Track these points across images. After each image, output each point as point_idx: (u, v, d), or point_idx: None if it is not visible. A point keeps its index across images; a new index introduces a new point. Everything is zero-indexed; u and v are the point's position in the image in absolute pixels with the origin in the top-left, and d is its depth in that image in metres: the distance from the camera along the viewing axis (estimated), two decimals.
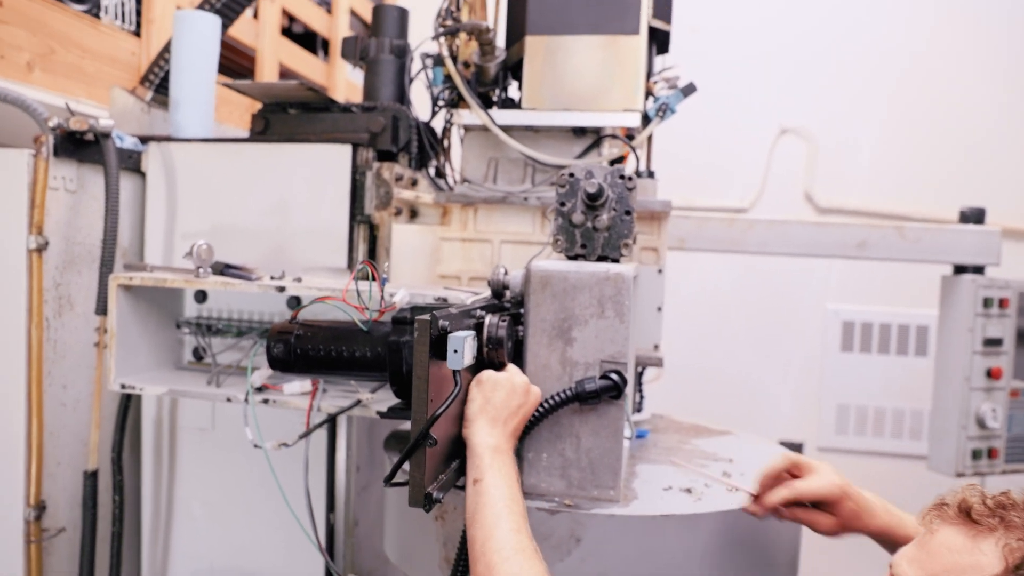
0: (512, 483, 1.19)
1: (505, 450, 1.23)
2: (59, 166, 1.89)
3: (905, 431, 3.85)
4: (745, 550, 1.44)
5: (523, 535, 1.12)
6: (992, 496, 1.01)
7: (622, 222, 1.46)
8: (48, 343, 1.90)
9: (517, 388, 1.29)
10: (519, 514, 1.15)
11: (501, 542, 1.10)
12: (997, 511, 0.98)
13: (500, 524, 1.12)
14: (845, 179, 3.94)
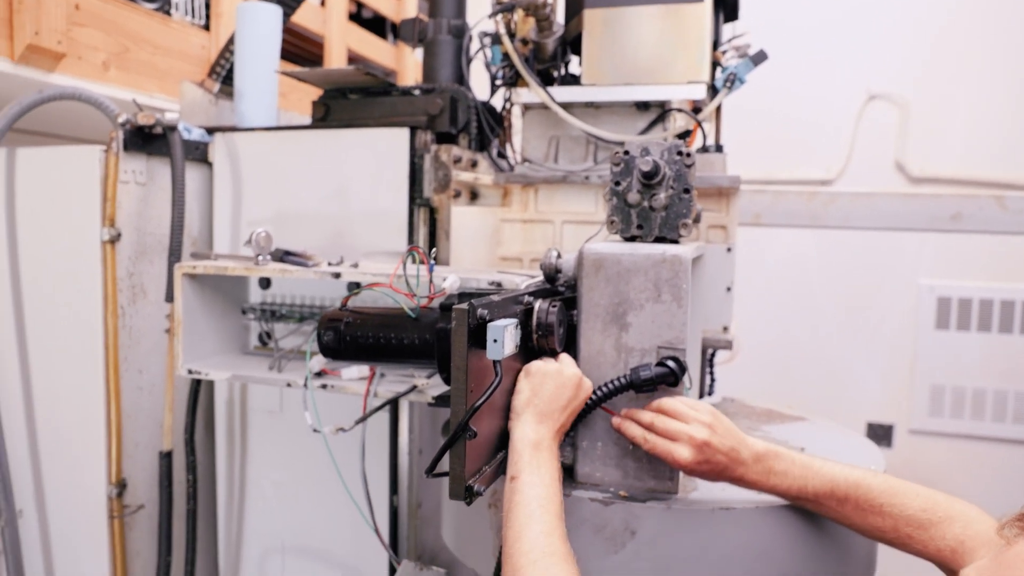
0: (550, 482, 1.15)
1: (547, 446, 1.19)
2: (129, 160, 1.94)
3: (1009, 414, 3.62)
4: (813, 546, 1.36)
5: (555, 537, 1.08)
6: None
7: (680, 200, 1.39)
8: (123, 330, 1.97)
9: (568, 381, 1.25)
10: (554, 514, 1.11)
11: (531, 544, 1.06)
12: None
13: (531, 525, 1.08)
14: (940, 146, 3.69)
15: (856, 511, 1.23)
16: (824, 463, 1.27)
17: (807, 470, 1.26)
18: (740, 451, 1.25)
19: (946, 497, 1.23)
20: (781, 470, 1.26)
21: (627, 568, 1.31)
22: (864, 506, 1.22)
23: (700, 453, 1.23)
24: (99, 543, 1.98)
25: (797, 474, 1.25)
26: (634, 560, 1.31)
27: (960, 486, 3.74)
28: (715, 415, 1.26)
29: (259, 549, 2.20)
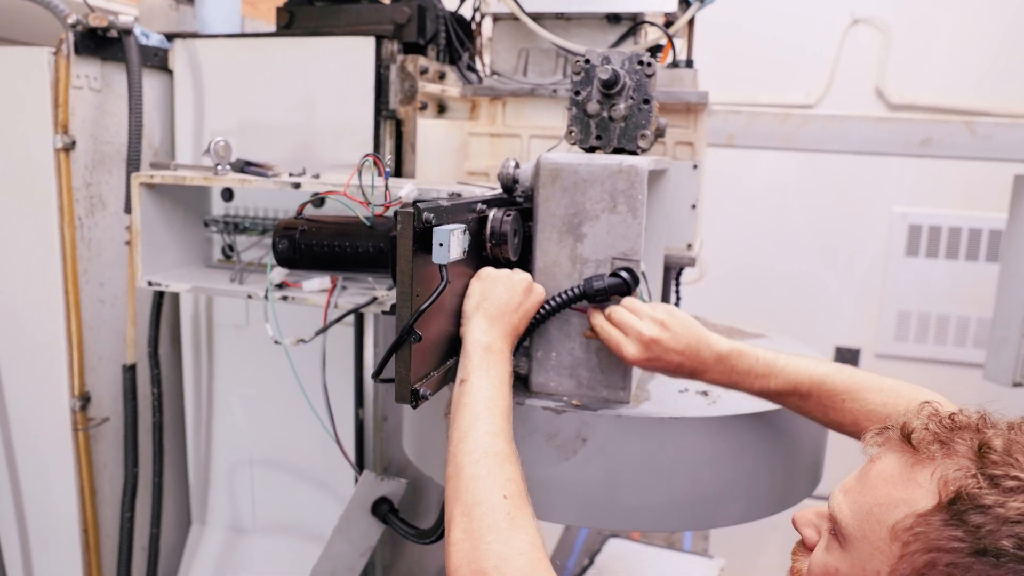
0: (499, 384, 1.15)
1: (498, 349, 1.19)
2: (81, 64, 1.88)
3: (969, 339, 3.69)
4: (762, 456, 1.40)
5: (499, 438, 1.08)
6: (942, 417, 0.88)
7: (640, 111, 1.37)
8: (82, 242, 1.94)
9: (518, 284, 1.25)
10: (500, 415, 1.11)
11: (474, 444, 1.06)
12: (942, 435, 0.85)
13: (477, 426, 1.08)
14: (920, 73, 3.66)
15: (818, 407, 1.24)
16: (790, 360, 1.26)
17: (771, 368, 1.26)
18: (700, 351, 1.25)
19: (911, 388, 1.23)
20: (744, 370, 1.26)
21: (578, 474, 1.34)
22: (826, 402, 1.23)
23: (648, 350, 1.24)
24: (65, 456, 1.99)
25: (760, 373, 1.26)
26: (585, 466, 1.34)
27: None
28: (671, 314, 1.26)
29: (228, 462, 2.23)
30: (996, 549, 0.77)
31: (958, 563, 0.79)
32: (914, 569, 0.82)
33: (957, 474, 0.81)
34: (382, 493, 1.70)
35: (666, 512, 1.36)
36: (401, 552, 2.28)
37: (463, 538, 1.00)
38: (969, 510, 0.79)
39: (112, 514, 2.08)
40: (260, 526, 2.23)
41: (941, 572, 0.81)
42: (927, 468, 0.84)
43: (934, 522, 0.81)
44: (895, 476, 0.87)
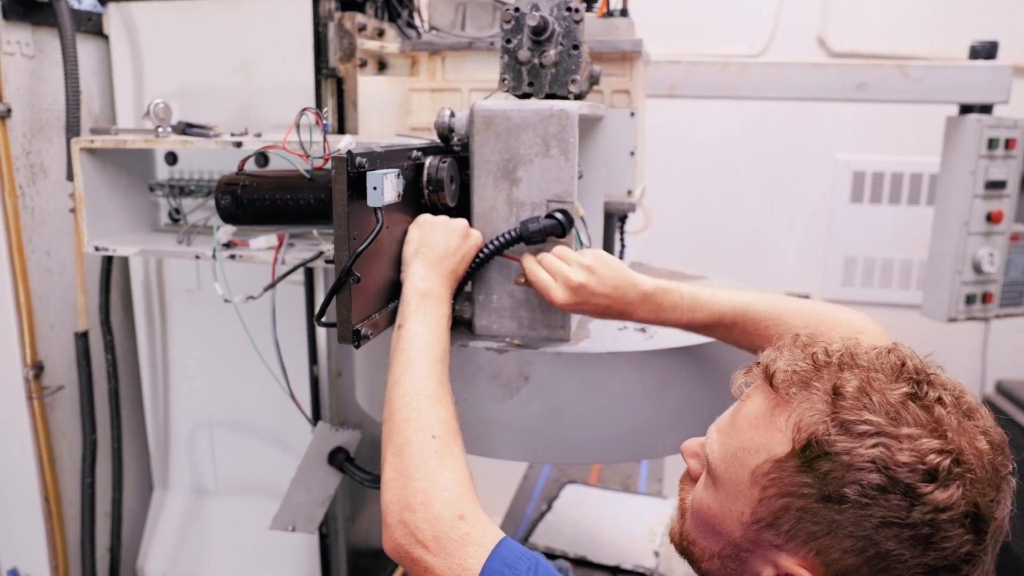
0: (435, 328, 1.18)
1: (436, 294, 1.23)
2: (11, 30, 1.85)
3: (912, 281, 3.82)
4: (698, 387, 1.46)
5: (432, 381, 1.11)
6: (807, 355, 0.88)
7: (569, 57, 1.40)
8: (25, 211, 1.93)
9: (454, 230, 1.28)
10: (436, 359, 1.15)
11: (407, 387, 1.10)
12: (802, 375, 0.85)
13: (410, 371, 1.12)
14: (859, 21, 3.73)
15: (744, 335, 1.28)
16: (715, 292, 1.31)
17: (696, 302, 1.30)
18: (627, 292, 1.30)
19: (831, 308, 1.27)
20: (670, 306, 1.31)
21: (522, 411, 1.39)
22: (750, 330, 1.27)
23: (575, 294, 1.29)
24: (21, 425, 2.00)
25: (685, 308, 1.30)
26: (528, 403, 1.39)
27: None
28: (599, 259, 1.31)
29: (187, 425, 2.25)
30: (839, 495, 0.79)
31: (807, 508, 0.82)
32: (770, 512, 0.85)
33: (811, 419, 0.82)
34: (338, 443, 1.75)
35: (608, 444, 1.42)
36: (362, 506, 2.33)
37: (394, 477, 1.04)
38: (818, 457, 0.81)
39: (73, 482, 2.10)
40: (222, 487, 2.27)
41: (793, 516, 0.83)
42: (785, 412, 0.85)
43: (788, 468, 0.83)
44: (758, 419, 0.88)
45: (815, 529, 0.82)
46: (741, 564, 0.90)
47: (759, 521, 0.86)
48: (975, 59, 2.60)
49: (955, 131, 2.60)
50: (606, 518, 2.46)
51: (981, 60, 2.58)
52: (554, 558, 2.25)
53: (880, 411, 0.81)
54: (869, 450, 0.79)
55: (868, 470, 0.78)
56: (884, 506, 0.78)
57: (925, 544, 0.78)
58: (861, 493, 0.79)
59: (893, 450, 0.78)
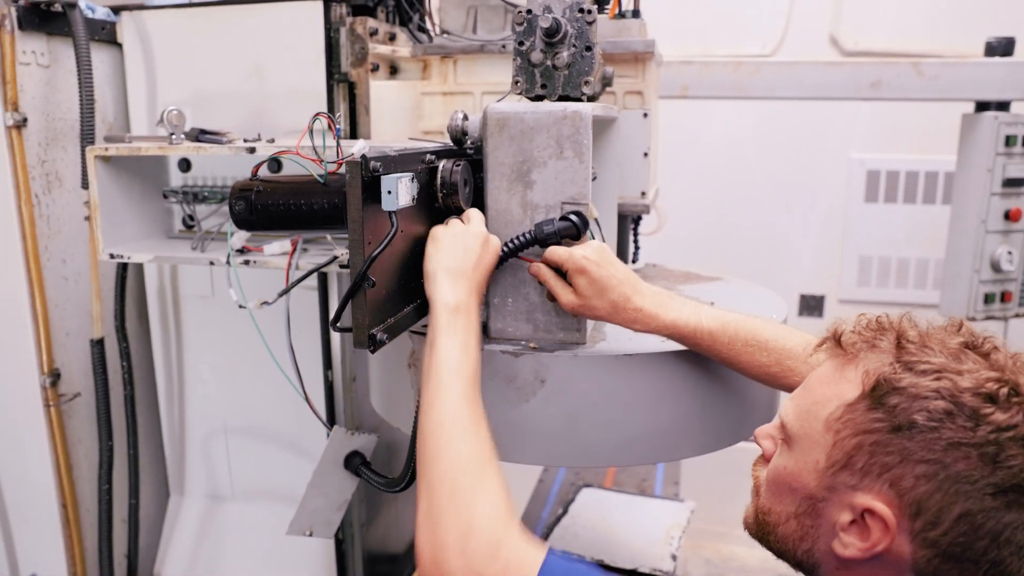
0: (467, 345, 1.16)
1: (465, 308, 1.20)
2: (27, 40, 1.86)
3: (929, 281, 3.78)
4: (716, 388, 1.45)
5: (464, 403, 1.09)
6: (870, 321, 0.96)
7: (583, 59, 1.40)
8: (41, 219, 1.94)
9: (473, 240, 1.27)
10: (467, 379, 1.12)
11: (438, 413, 1.08)
12: (867, 335, 0.93)
13: (441, 393, 1.09)
14: (872, 19, 3.70)
15: (745, 348, 1.30)
16: (715, 307, 1.35)
17: (700, 308, 1.33)
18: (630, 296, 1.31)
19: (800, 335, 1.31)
20: (676, 306, 1.32)
21: (538, 415, 1.39)
22: (751, 342, 1.29)
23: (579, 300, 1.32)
24: (39, 432, 2.01)
25: (691, 311, 1.32)
26: (544, 407, 1.38)
27: None
28: (602, 253, 1.30)
29: (203, 431, 2.25)
30: (909, 422, 0.85)
31: (879, 441, 0.87)
32: (844, 453, 0.89)
33: (878, 364, 0.89)
34: (354, 447, 1.74)
35: (625, 447, 1.40)
36: (378, 511, 2.33)
37: (425, 516, 1.01)
38: (887, 393, 0.87)
39: (90, 488, 2.11)
40: (238, 493, 2.27)
41: (867, 452, 0.87)
42: (853, 365, 0.92)
43: (859, 408, 0.89)
44: (829, 376, 0.95)
45: (888, 460, 0.86)
46: (817, 518, 0.93)
47: (834, 465, 0.90)
48: (991, 56, 2.58)
49: (971, 129, 2.58)
50: (623, 521, 2.45)
51: (998, 57, 2.56)
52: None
53: (941, 354, 0.87)
54: (933, 382, 0.85)
55: (934, 398, 0.84)
56: (951, 428, 0.83)
57: (992, 463, 0.82)
58: (929, 418, 0.84)
59: (955, 380, 0.85)
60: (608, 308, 1.30)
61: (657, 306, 1.31)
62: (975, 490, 0.82)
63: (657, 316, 1.31)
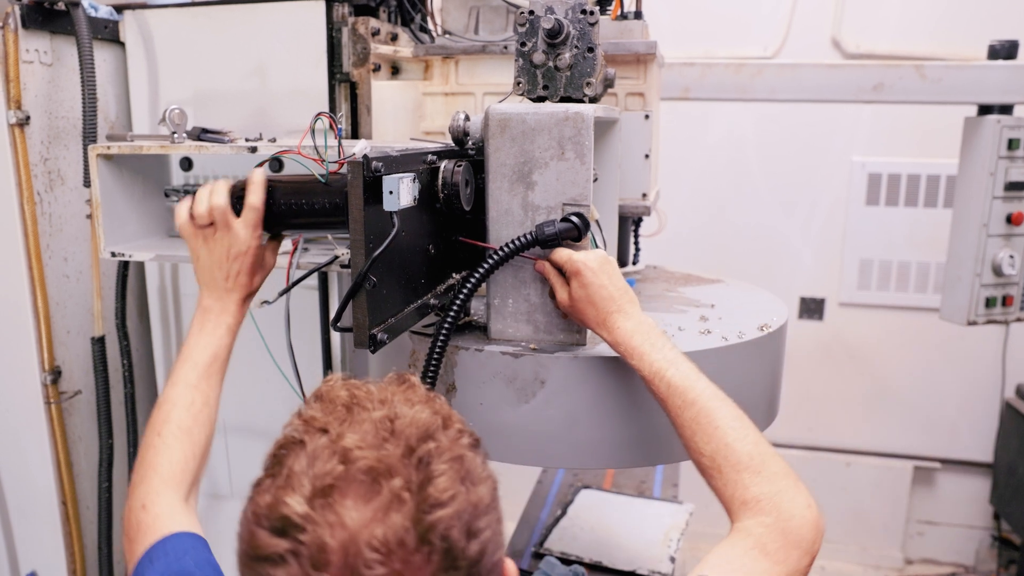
0: (196, 336, 1.40)
1: (218, 309, 1.41)
2: (30, 38, 1.87)
3: (930, 284, 3.78)
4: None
5: (179, 385, 1.33)
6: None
7: (584, 60, 1.40)
8: (43, 217, 1.95)
9: (224, 248, 1.38)
10: (193, 363, 1.35)
11: (163, 393, 1.34)
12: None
13: (171, 376, 1.36)
14: (875, 22, 3.70)
15: (693, 421, 1.17)
16: (689, 366, 1.23)
17: (681, 356, 1.24)
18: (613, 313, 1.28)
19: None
20: (661, 340, 1.25)
21: (538, 415, 1.39)
22: (703, 420, 1.16)
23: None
24: (39, 429, 2.02)
25: (671, 354, 1.23)
26: (544, 408, 1.38)
27: (883, 352, 3.95)
28: (603, 263, 1.30)
29: None
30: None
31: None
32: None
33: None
34: None
35: (624, 449, 1.41)
36: None
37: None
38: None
39: (90, 486, 2.11)
40: (237, 492, 2.27)
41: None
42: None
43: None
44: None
45: None
46: None
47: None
48: (994, 59, 2.57)
49: (974, 132, 2.57)
50: (621, 523, 2.44)
51: (1001, 60, 2.55)
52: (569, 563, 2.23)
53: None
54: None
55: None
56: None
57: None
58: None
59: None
60: (593, 318, 1.28)
61: (630, 337, 1.25)
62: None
63: (629, 354, 1.25)
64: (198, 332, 1.37)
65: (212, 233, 1.36)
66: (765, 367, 1.55)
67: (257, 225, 1.34)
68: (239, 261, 1.36)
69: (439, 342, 1.29)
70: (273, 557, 0.71)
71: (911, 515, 4.15)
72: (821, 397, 4.03)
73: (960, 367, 3.85)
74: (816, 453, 4.11)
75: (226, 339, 1.39)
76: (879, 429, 4.05)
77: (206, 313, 1.38)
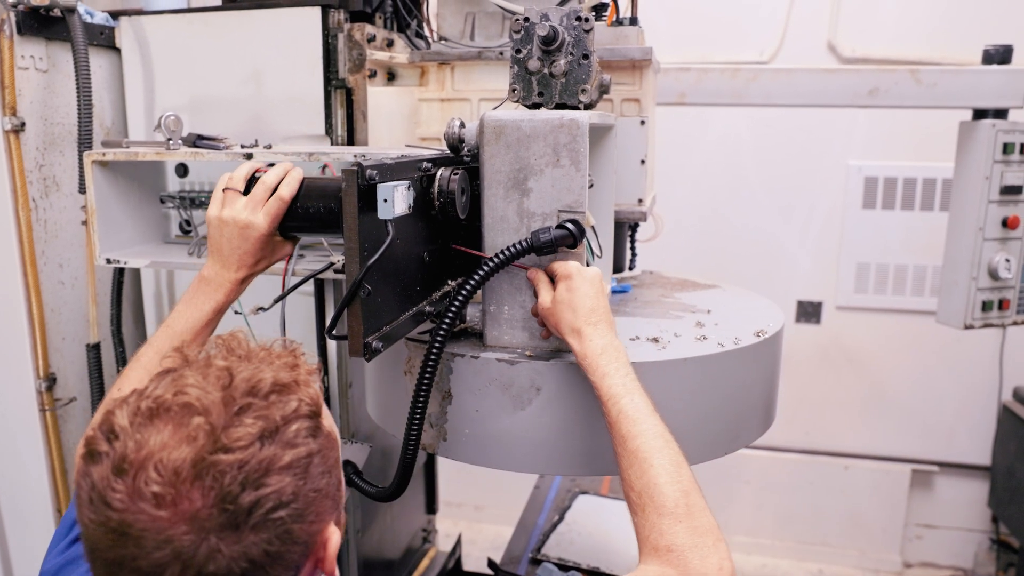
0: (192, 305, 1.44)
1: (216, 280, 1.42)
2: (25, 45, 1.87)
3: (926, 288, 3.78)
4: (712, 397, 1.45)
5: (151, 348, 1.38)
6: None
7: (580, 67, 1.40)
8: (38, 223, 1.94)
9: (234, 227, 1.37)
10: (173, 331, 1.40)
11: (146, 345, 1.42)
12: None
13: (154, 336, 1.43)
14: (870, 27, 3.71)
15: (632, 454, 1.15)
16: (641, 400, 1.20)
17: (640, 389, 1.21)
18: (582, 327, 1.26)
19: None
20: (625, 368, 1.23)
21: (534, 423, 1.38)
22: (640, 456, 1.14)
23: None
24: (34, 436, 2.01)
25: (631, 384, 1.21)
26: (540, 415, 1.38)
27: (880, 356, 3.95)
28: (595, 277, 1.31)
29: None
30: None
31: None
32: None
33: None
34: (346, 456, 1.73)
35: None
36: (373, 518, 2.32)
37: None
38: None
39: None
40: None
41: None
42: None
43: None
44: None
45: None
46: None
47: None
48: (988, 64, 2.58)
49: (969, 136, 2.58)
50: (619, 528, 2.44)
51: (995, 65, 2.55)
52: (567, 569, 2.23)
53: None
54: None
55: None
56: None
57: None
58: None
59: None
60: (568, 324, 1.26)
61: (599, 354, 1.23)
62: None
63: (592, 369, 1.23)
64: (187, 301, 1.40)
65: (234, 199, 1.37)
66: (762, 373, 1.55)
67: (278, 216, 1.35)
68: (248, 241, 1.36)
69: (434, 349, 1.29)
70: (93, 453, 0.81)
71: (909, 519, 4.14)
72: (819, 401, 4.03)
73: (957, 370, 3.85)
74: (814, 457, 4.11)
75: (209, 315, 1.40)
76: (877, 433, 4.05)
77: (201, 283, 1.40)
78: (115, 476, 0.78)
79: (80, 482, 0.82)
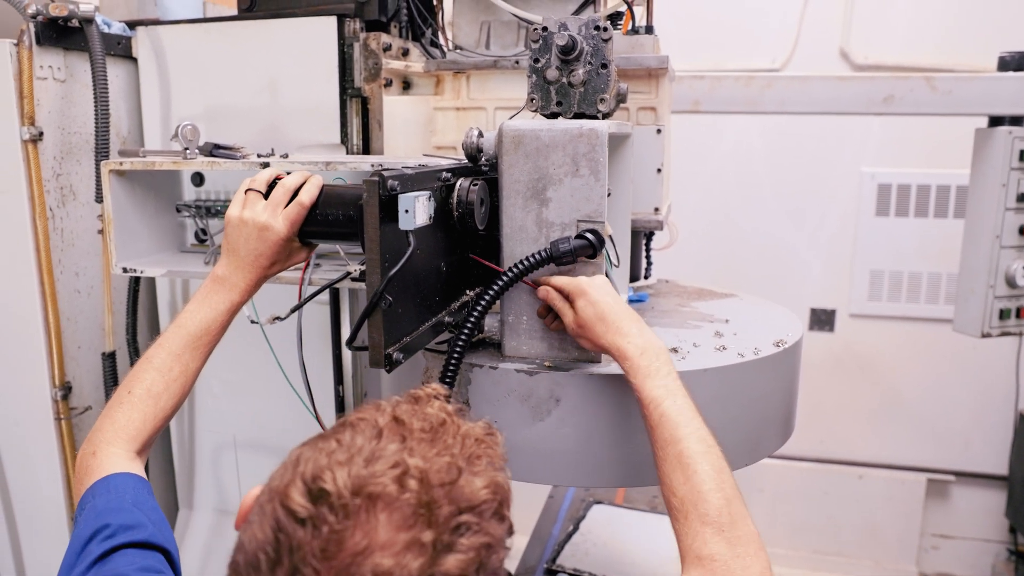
0: (205, 306, 1.40)
1: (230, 281, 1.39)
2: (44, 55, 1.88)
3: (941, 295, 3.76)
4: (731, 408, 1.44)
5: (163, 349, 1.34)
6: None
7: (598, 76, 1.39)
8: (55, 232, 1.95)
9: (253, 229, 1.35)
10: (185, 331, 1.35)
11: (153, 346, 1.37)
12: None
13: (160, 338, 1.38)
14: (883, 33, 3.70)
15: (675, 459, 1.14)
16: (683, 401, 1.20)
17: (682, 389, 1.21)
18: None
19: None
20: (667, 367, 1.23)
21: (553, 434, 1.38)
22: (684, 461, 1.13)
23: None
24: (49, 445, 2.01)
25: (673, 385, 1.21)
26: (559, 426, 1.37)
27: (895, 364, 3.92)
28: (604, 283, 1.30)
29: (212, 445, 2.25)
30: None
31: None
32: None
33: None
34: None
35: (640, 467, 1.39)
36: None
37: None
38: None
39: None
40: None
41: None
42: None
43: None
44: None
45: None
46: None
47: None
48: (1004, 70, 2.56)
49: (985, 143, 2.56)
50: (634, 539, 2.42)
51: (1011, 71, 2.54)
52: None
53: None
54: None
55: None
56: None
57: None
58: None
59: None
60: (603, 333, 1.25)
61: (640, 355, 1.23)
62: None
63: (634, 372, 1.22)
64: (200, 301, 1.37)
65: (256, 200, 1.36)
66: (781, 383, 1.54)
67: (297, 222, 1.34)
68: (265, 243, 1.35)
69: (453, 359, 1.29)
70: (295, 511, 0.73)
71: (925, 528, 4.11)
72: (833, 409, 4.01)
73: (973, 379, 3.82)
74: (828, 466, 4.08)
75: (224, 316, 1.38)
76: (891, 442, 4.02)
77: (214, 282, 1.38)
78: (322, 557, 0.71)
79: (263, 507, 0.76)
